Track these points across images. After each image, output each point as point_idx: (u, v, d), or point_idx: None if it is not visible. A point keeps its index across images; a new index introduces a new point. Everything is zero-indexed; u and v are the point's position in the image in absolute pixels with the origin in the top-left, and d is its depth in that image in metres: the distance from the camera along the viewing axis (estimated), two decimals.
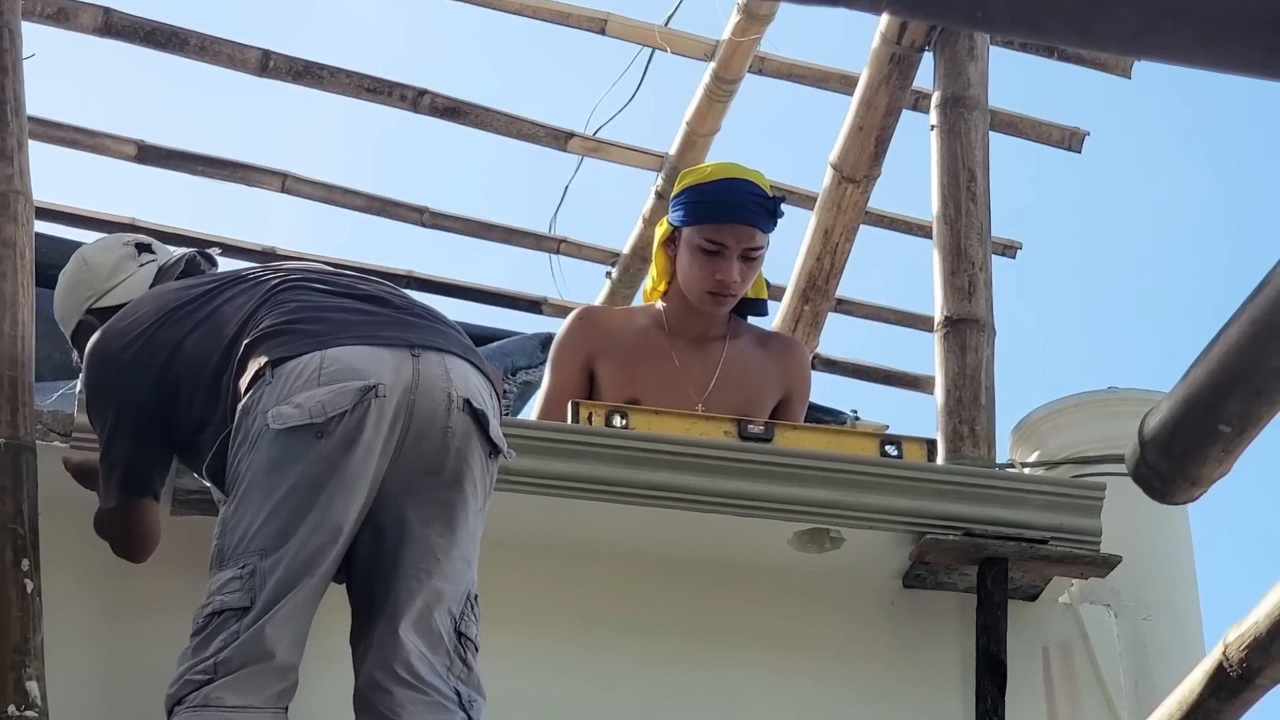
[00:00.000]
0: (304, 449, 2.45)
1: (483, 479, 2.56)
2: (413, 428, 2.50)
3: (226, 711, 2.39)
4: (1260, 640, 2.34)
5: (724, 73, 4.98)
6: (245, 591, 2.43)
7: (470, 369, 2.59)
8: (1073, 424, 3.65)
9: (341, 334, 2.54)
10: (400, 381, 2.50)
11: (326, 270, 2.82)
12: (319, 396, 2.46)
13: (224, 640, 2.42)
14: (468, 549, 2.55)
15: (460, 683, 2.49)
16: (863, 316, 5.45)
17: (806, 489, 3.20)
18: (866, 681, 3.28)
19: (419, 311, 2.69)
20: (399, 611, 2.47)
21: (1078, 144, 5.10)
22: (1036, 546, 3.21)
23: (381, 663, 2.46)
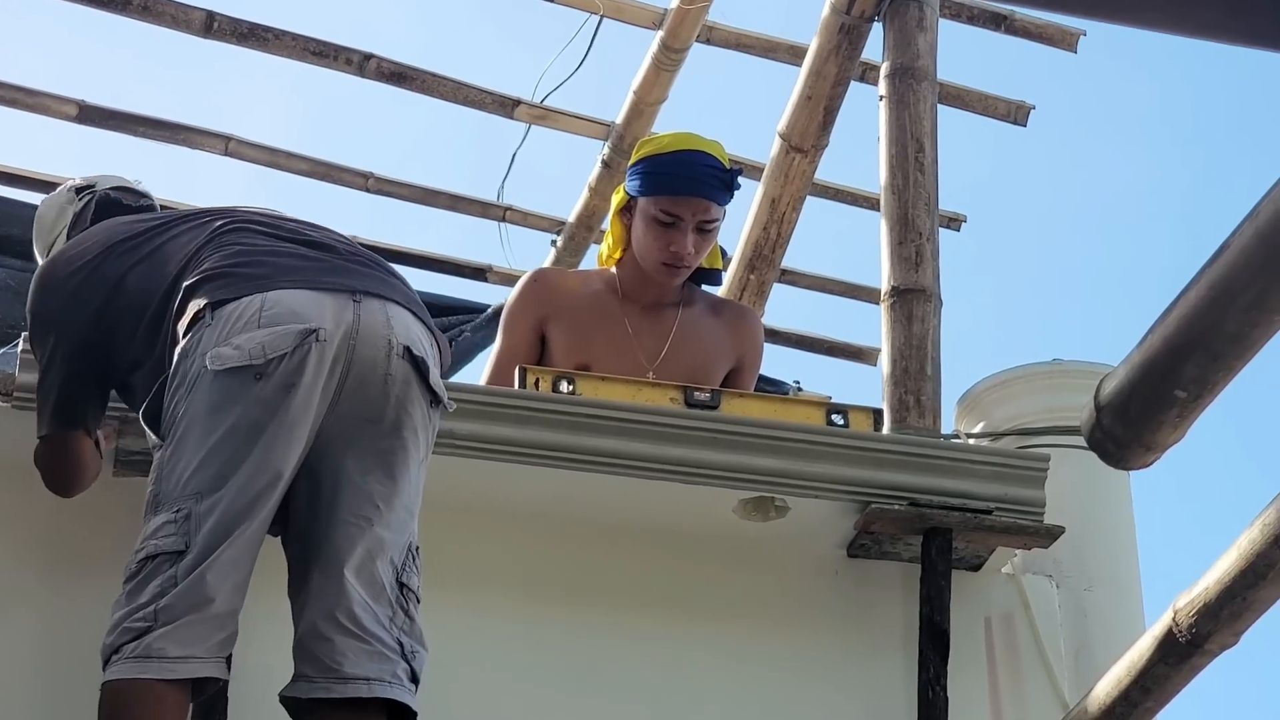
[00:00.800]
0: (243, 391, 2.43)
1: (424, 428, 2.54)
2: (352, 373, 2.48)
3: (169, 662, 2.36)
4: (1210, 606, 2.35)
5: (672, 41, 4.96)
6: (180, 535, 2.40)
7: (411, 318, 2.57)
8: (1017, 395, 3.67)
9: (283, 278, 2.52)
10: (341, 326, 2.49)
11: (275, 214, 2.78)
12: (259, 338, 2.44)
13: (160, 585, 2.38)
14: (409, 499, 2.52)
15: (403, 633, 2.47)
16: (808, 287, 5.45)
17: (752, 457, 3.20)
18: (810, 650, 3.28)
19: (363, 259, 2.67)
20: (340, 559, 2.44)
21: (1023, 118, 5.12)
22: (980, 517, 3.22)
23: (323, 611, 2.43)
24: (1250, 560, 2.25)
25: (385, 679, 2.42)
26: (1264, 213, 1.77)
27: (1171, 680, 2.51)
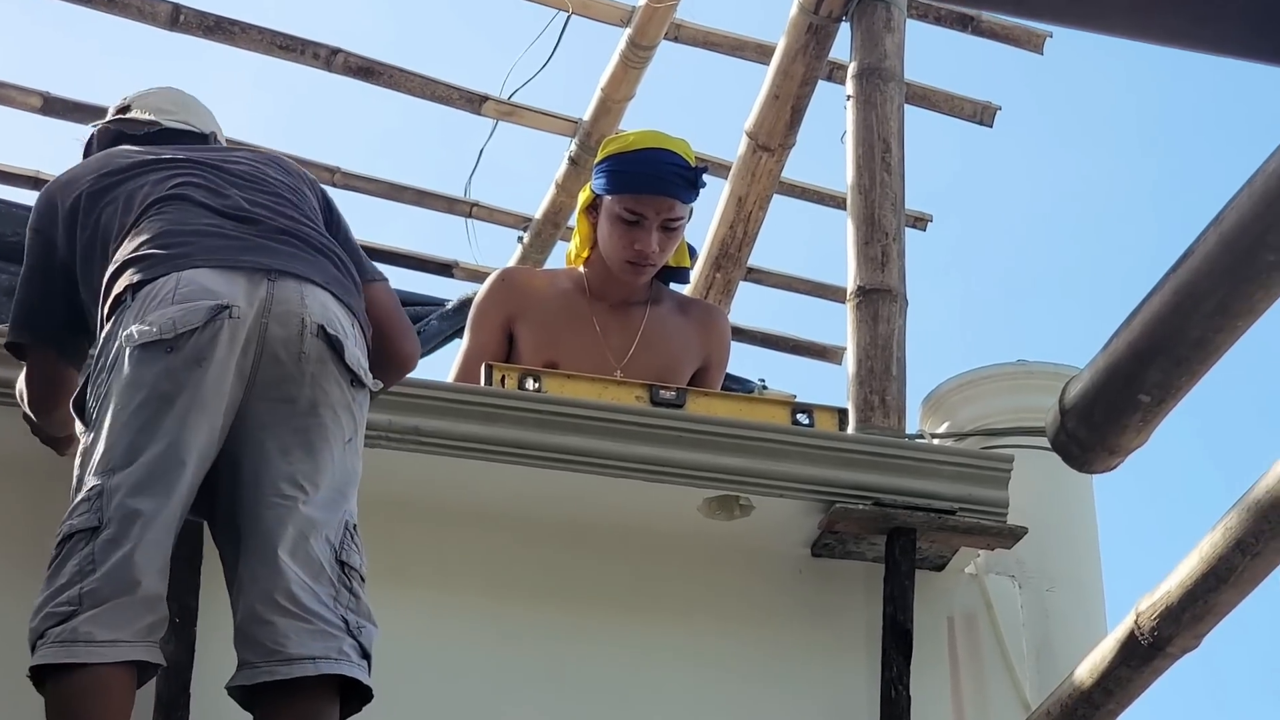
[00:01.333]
0: (154, 365, 2.44)
1: (344, 407, 2.52)
2: (266, 351, 2.48)
3: (97, 646, 2.34)
4: (1171, 609, 2.37)
5: (640, 39, 4.96)
6: (93, 512, 2.39)
7: (330, 298, 2.56)
8: (982, 396, 3.68)
9: (200, 257, 2.53)
10: (254, 304, 2.49)
11: (224, 173, 2.74)
12: (170, 314, 2.46)
13: (78, 564, 2.37)
14: (338, 478, 2.50)
15: (348, 610, 2.44)
16: (774, 286, 5.46)
17: (717, 455, 3.20)
18: (773, 649, 3.29)
19: (290, 235, 2.64)
20: (273, 541, 2.42)
21: (989, 119, 5.13)
22: (944, 517, 3.23)
23: (261, 594, 2.40)
24: (1212, 564, 2.26)
25: (331, 656, 2.39)
26: (1228, 219, 1.78)
27: (1133, 683, 2.52)
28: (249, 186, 2.73)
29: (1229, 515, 2.23)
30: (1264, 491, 2.14)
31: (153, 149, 2.84)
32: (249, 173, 2.77)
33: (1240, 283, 1.79)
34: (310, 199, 2.81)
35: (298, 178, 2.85)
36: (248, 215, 2.64)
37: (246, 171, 2.77)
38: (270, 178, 2.77)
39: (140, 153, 2.82)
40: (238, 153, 2.89)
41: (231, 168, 2.77)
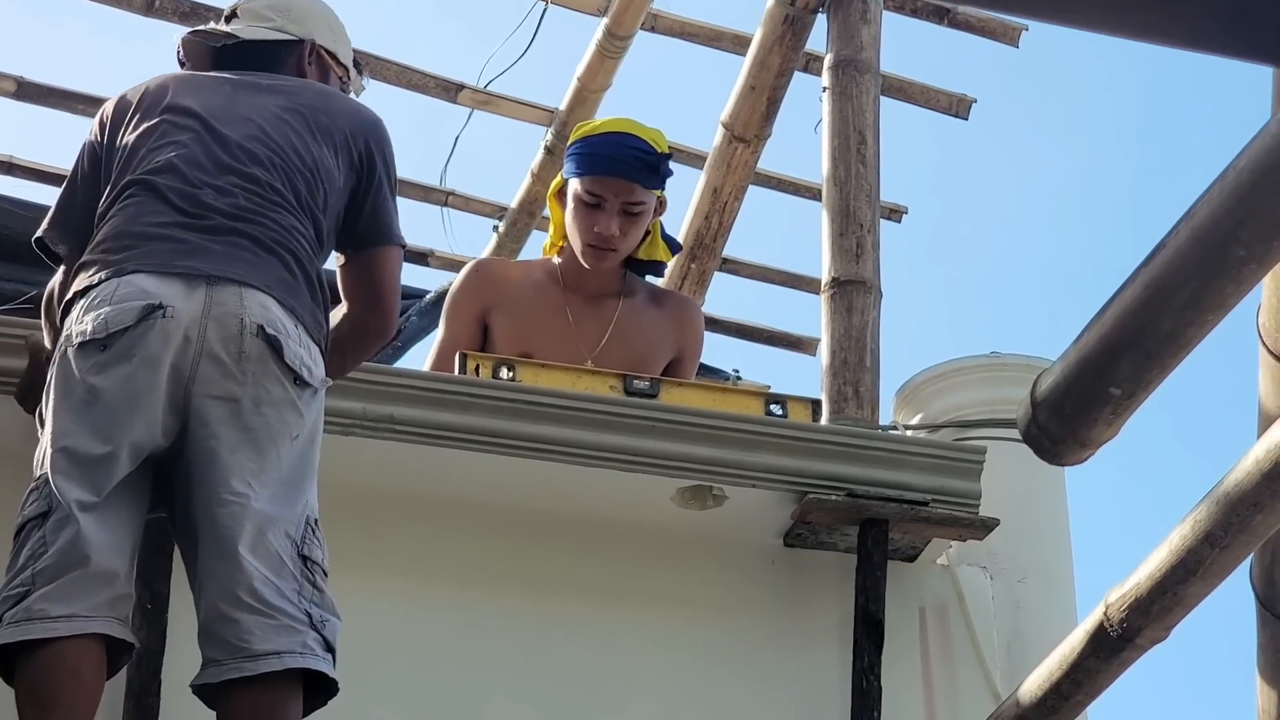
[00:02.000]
0: (86, 362, 2.49)
1: (288, 405, 2.52)
2: (205, 351, 2.50)
3: (50, 622, 2.35)
4: (1141, 601, 2.38)
5: (616, 29, 4.96)
6: (42, 500, 2.43)
7: (271, 300, 2.57)
8: (955, 388, 3.70)
9: (143, 260, 2.56)
10: (191, 307, 2.52)
11: (220, 141, 2.72)
12: (104, 314, 2.51)
13: (31, 549, 2.40)
14: (289, 474, 2.51)
15: (312, 604, 2.45)
16: (749, 276, 5.46)
17: (690, 446, 3.21)
18: (745, 638, 3.29)
19: (242, 235, 2.62)
20: (231, 539, 2.43)
21: (965, 111, 5.14)
22: (917, 508, 3.24)
23: (223, 592, 2.41)
24: (1181, 556, 2.28)
25: (296, 650, 2.40)
26: (1199, 214, 1.79)
27: (1102, 674, 2.54)
28: (233, 164, 2.69)
29: (1198, 508, 2.24)
30: (1233, 485, 2.16)
31: (199, 83, 2.83)
32: (254, 136, 2.73)
33: (1211, 277, 1.80)
34: (318, 166, 2.75)
35: (319, 136, 2.78)
36: (204, 211, 2.63)
37: (253, 134, 2.74)
38: (270, 144, 2.73)
39: (170, 96, 2.79)
40: (275, 97, 2.81)
41: (236, 131, 2.73)
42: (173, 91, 2.81)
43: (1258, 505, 2.12)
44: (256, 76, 2.88)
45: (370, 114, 2.90)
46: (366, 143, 2.82)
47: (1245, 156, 1.75)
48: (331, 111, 2.82)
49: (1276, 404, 2.15)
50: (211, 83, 2.85)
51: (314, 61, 2.98)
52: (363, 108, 2.92)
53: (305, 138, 2.76)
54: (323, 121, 2.80)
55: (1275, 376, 2.16)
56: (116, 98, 2.85)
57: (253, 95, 2.81)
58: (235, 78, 2.87)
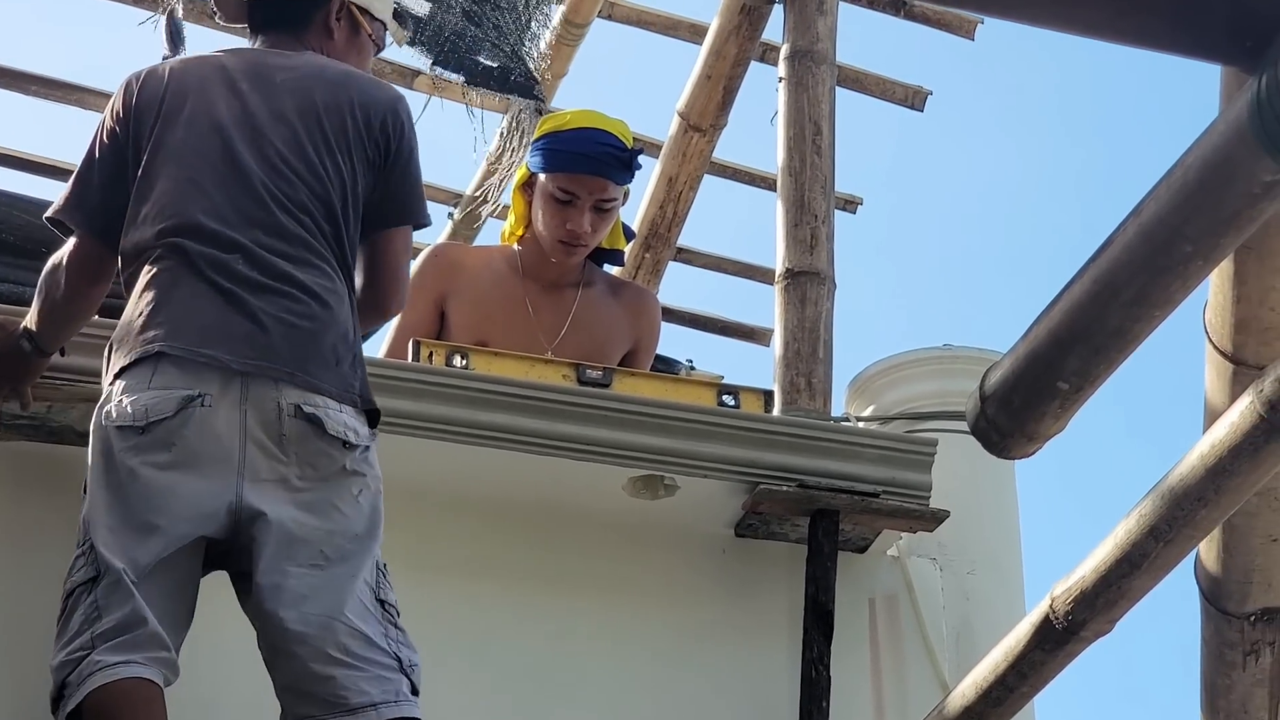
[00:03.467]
0: (126, 443, 2.52)
1: (340, 471, 2.57)
2: (249, 437, 2.53)
3: (109, 668, 2.40)
4: (1086, 594, 2.40)
5: (573, 16, 4.95)
6: (90, 565, 2.48)
7: (303, 387, 2.58)
8: (907, 380, 3.71)
9: (177, 342, 2.57)
10: (229, 395, 2.55)
11: (220, 211, 2.68)
12: (144, 400, 2.53)
13: (84, 613, 2.45)
14: (361, 530, 2.56)
15: (400, 645, 2.52)
16: (703, 266, 5.46)
17: (642, 435, 3.21)
18: (695, 628, 3.30)
19: (269, 313, 2.61)
20: (316, 602, 2.48)
21: (920, 103, 5.15)
22: (867, 499, 3.25)
23: (314, 654, 2.46)
24: (1126, 550, 2.29)
25: (391, 699, 2.47)
26: (1147, 210, 1.80)
27: (1047, 666, 2.55)
28: (259, 214, 2.66)
29: (1143, 503, 2.26)
30: (1177, 480, 2.17)
31: (216, 80, 2.78)
32: (275, 166, 2.70)
33: (1158, 273, 1.82)
34: (337, 182, 2.72)
35: (335, 142, 2.74)
36: (235, 286, 2.61)
37: (274, 164, 2.70)
38: (292, 172, 2.70)
39: (191, 102, 2.75)
40: (289, 98, 2.75)
41: (257, 159, 2.70)
42: (193, 95, 2.76)
43: (1202, 500, 2.14)
44: (270, 62, 2.82)
45: (387, 94, 2.84)
46: (383, 129, 2.78)
47: (1193, 154, 1.76)
48: (345, 103, 2.77)
49: (1222, 400, 2.17)
50: (227, 79, 2.78)
51: (343, 18, 2.91)
52: (380, 89, 2.85)
53: (322, 151, 2.73)
54: (339, 124, 2.75)
55: (1221, 373, 2.18)
56: (138, 84, 2.78)
57: (268, 98, 2.75)
58: (248, 68, 2.80)
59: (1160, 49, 1.73)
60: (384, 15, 2.99)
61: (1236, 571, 2.40)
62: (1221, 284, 2.10)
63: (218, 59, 2.84)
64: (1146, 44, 1.73)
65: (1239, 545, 2.37)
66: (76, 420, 2.95)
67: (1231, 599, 2.43)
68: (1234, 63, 1.74)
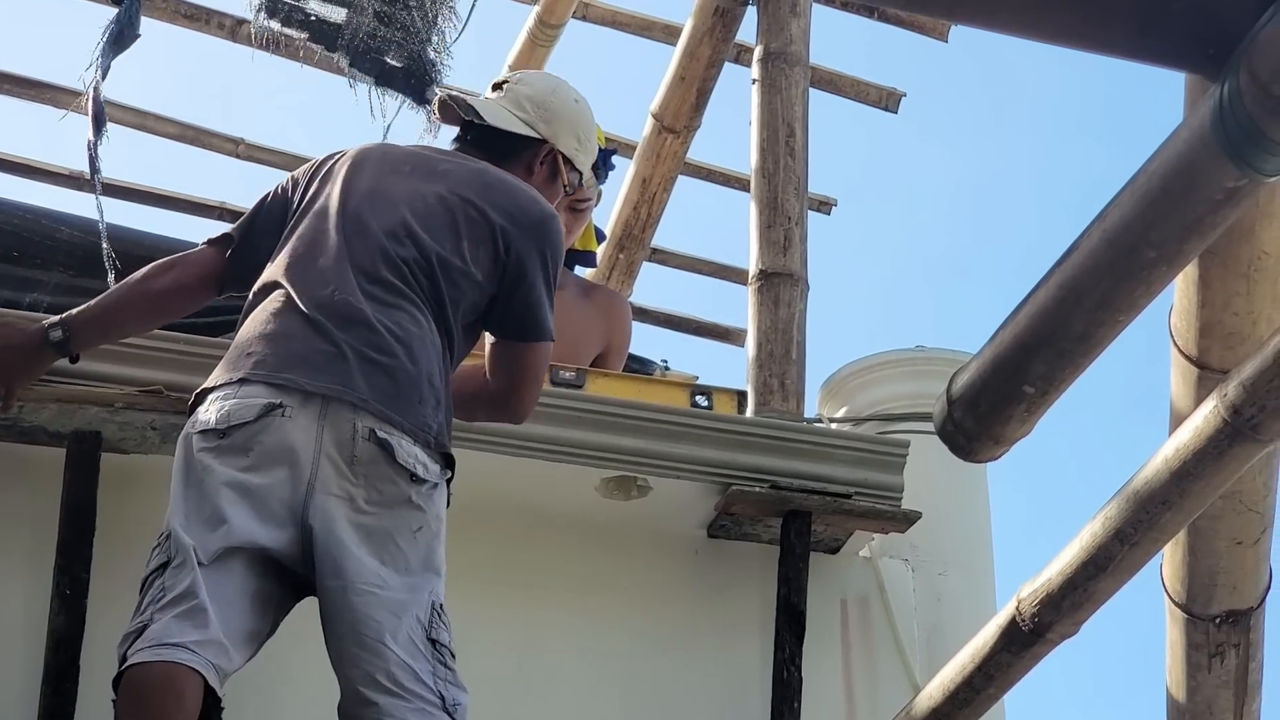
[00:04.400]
0: (206, 443, 2.60)
1: (403, 502, 2.61)
2: (322, 453, 2.59)
3: (162, 648, 2.44)
4: (1052, 596, 2.41)
5: (548, 17, 4.96)
6: (164, 552, 2.54)
7: (378, 416, 2.63)
8: (880, 381, 3.72)
9: (262, 368, 2.64)
10: (309, 408, 2.60)
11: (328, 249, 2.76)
12: (227, 407, 2.62)
13: (154, 593, 2.50)
14: (416, 565, 2.61)
15: (447, 684, 2.57)
16: (677, 267, 5.47)
17: (615, 436, 3.22)
18: (669, 628, 3.31)
19: (354, 345, 2.66)
20: (369, 626, 2.53)
21: (894, 105, 5.16)
22: (840, 500, 3.27)
23: (364, 677, 2.52)
24: (1091, 553, 2.31)
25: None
26: (1111, 216, 1.81)
27: (1014, 667, 2.56)
28: (362, 262, 2.73)
29: (1109, 506, 2.27)
30: (1142, 483, 2.18)
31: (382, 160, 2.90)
32: (395, 228, 2.78)
33: (1122, 279, 1.83)
34: (451, 261, 2.78)
35: (464, 229, 2.81)
36: (324, 318, 2.68)
37: (395, 226, 2.78)
38: (409, 235, 2.77)
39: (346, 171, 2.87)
40: (441, 183, 2.85)
41: (381, 220, 2.78)
42: (352, 166, 2.87)
43: (1166, 503, 2.15)
44: (443, 157, 2.94)
45: (539, 211, 2.89)
46: (523, 239, 2.83)
47: (1156, 160, 1.78)
48: (490, 203, 2.84)
49: (1187, 404, 2.18)
50: (394, 161, 2.90)
51: (547, 163, 3.02)
52: (532, 203, 2.90)
53: (447, 230, 2.79)
54: (473, 215, 2.82)
55: (1186, 377, 2.20)
56: (326, 157, 2.94)
57: (423, 181, 2.85)
58: (423, 157, 2.92)
59: (1125, 56, 1.74)
60: (584, 168, 3.09)
61: (1202, 574, 2.41)
62: (1186, 289, 2.11)
63: (397, 145, 3.00)
64: (1111, 51, 1.74)
65: (1204, 548, 2.38)
66: (48, 420, 2.96)
67: (1197, 601, 2.44)
68: (1197, 70, 1.75)
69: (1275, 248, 2.00)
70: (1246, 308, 2.06)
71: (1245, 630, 2.44)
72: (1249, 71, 1.67)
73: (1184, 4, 1.68)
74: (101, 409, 2.97)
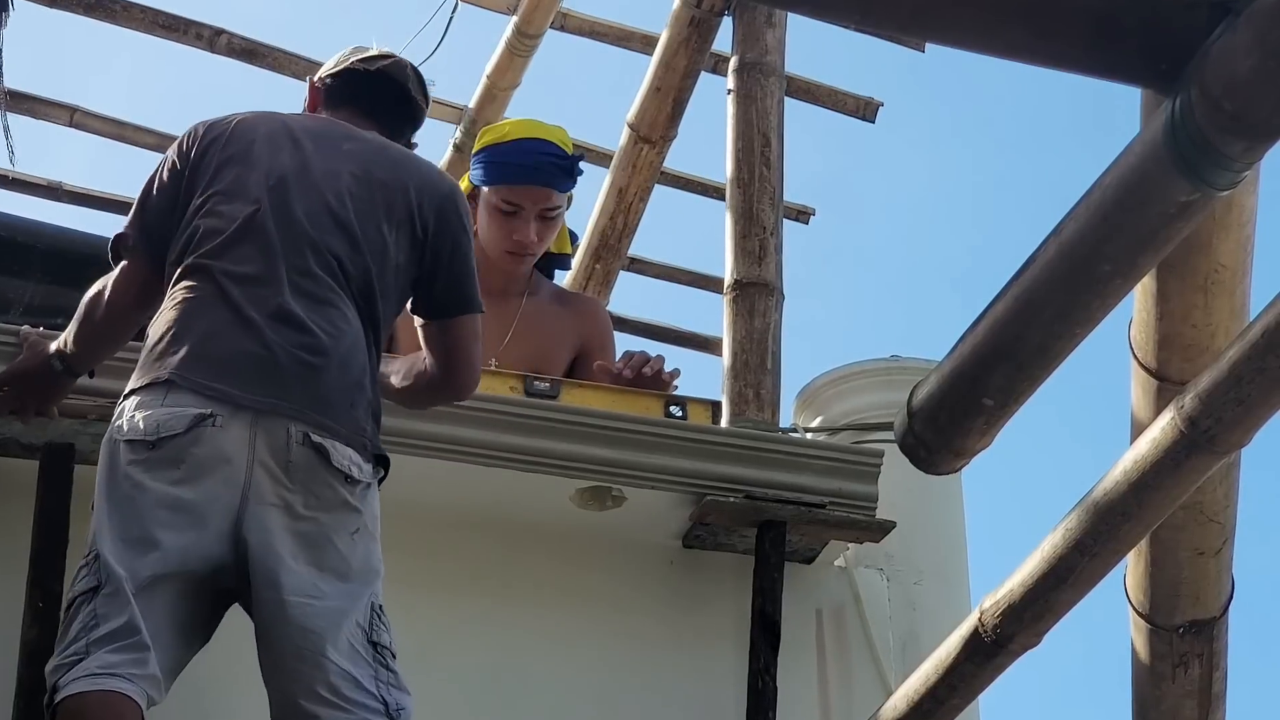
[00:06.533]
0: (135, 456, 2.55)
1: (341, 505, 2.59)
2: (256, 460, 2.56)
3: (94, 677, 2.42)
4: (1014, 607, 2.42)
5: (526, 27, 4.97)
6: (93, 575, 2.50)
7: (312, 425, 2.61)
8: (855, 391, 3.72)
9: (191, 372, 2.60)
10: (240, 417, 2.57)
11: (257, 241, 2.72)
12: (156, 416, 2.56)
13: (83, 620, 2.47)
14: (356, 568, 2.59)
15: (390, 688, 2.54)
16: (654, 276, 5.48)
17: (590, 447, 3.22)
18: (643, 639, 3.31)
19: (285, 352, 2.63)
20: (304, 638, 2.50)
21: (871, 114, 5.17)
22: (815, 510, 3.27)
23: (304, 690, 2.49)
24: (1052, 564, 2.31)
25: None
26: (1066, 229, 1.82)
27: (977, 678, 2.57)
28: (291, 257, 2.69)
29: (1069, 517, 2.28)
30: (1101, 495, 2.20)
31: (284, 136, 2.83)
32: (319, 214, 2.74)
33: (1078, 292, 1.84)
34: (377, 248, 2.76)
35: (383, 213, 2.78)
36: (255, 317, 2.64)
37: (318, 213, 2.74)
38: (334, 224, 2.74)
39: (252, 150, 2.81)
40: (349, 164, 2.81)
41: (304, 205, 2.74)
42: (258, 142, 2.81)
43: (1125, 514, 2.16)
44: (338, 130, 2.89)
45: (447, 183, 2.91)
46: (439, 216, 2.82)
47: (1110, 174, 1.79)
48: (400, 183, 2.82)
49: (1147, 415, 2.19)
50: (291, 134, 2.84)
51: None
52: (439, 175, 2.93)
53: (365, 215, 2.77)
54: (392, 197, 2.80)
55: (1146, 389, 2.21)
56: (205, 129, 2.85)
57: (329, 158, 2.81)
58: (316, 129, 2.87)
59: (1078, 71, 1.75)
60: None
61: (1164, 584, 2.42)
62: (1145, 301, 2.12)
63: (285, 117, 2.91)
64: (1065, 66, 1.75)
65: (1166, 559, 2.39)
66: (21, 432, 2.96)
67: (1160, 612, 2.46)
68: (1150, 85, 1.76)
69: (1232, 260, 2.01)
70: (1205, 320, 2.07)
71: (1209, 640, 2.45)
72: (1200, 86, 1.68)
73: (1136, 19, 1.70)
74: (75, 421, 2.96)
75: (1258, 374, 1.94)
